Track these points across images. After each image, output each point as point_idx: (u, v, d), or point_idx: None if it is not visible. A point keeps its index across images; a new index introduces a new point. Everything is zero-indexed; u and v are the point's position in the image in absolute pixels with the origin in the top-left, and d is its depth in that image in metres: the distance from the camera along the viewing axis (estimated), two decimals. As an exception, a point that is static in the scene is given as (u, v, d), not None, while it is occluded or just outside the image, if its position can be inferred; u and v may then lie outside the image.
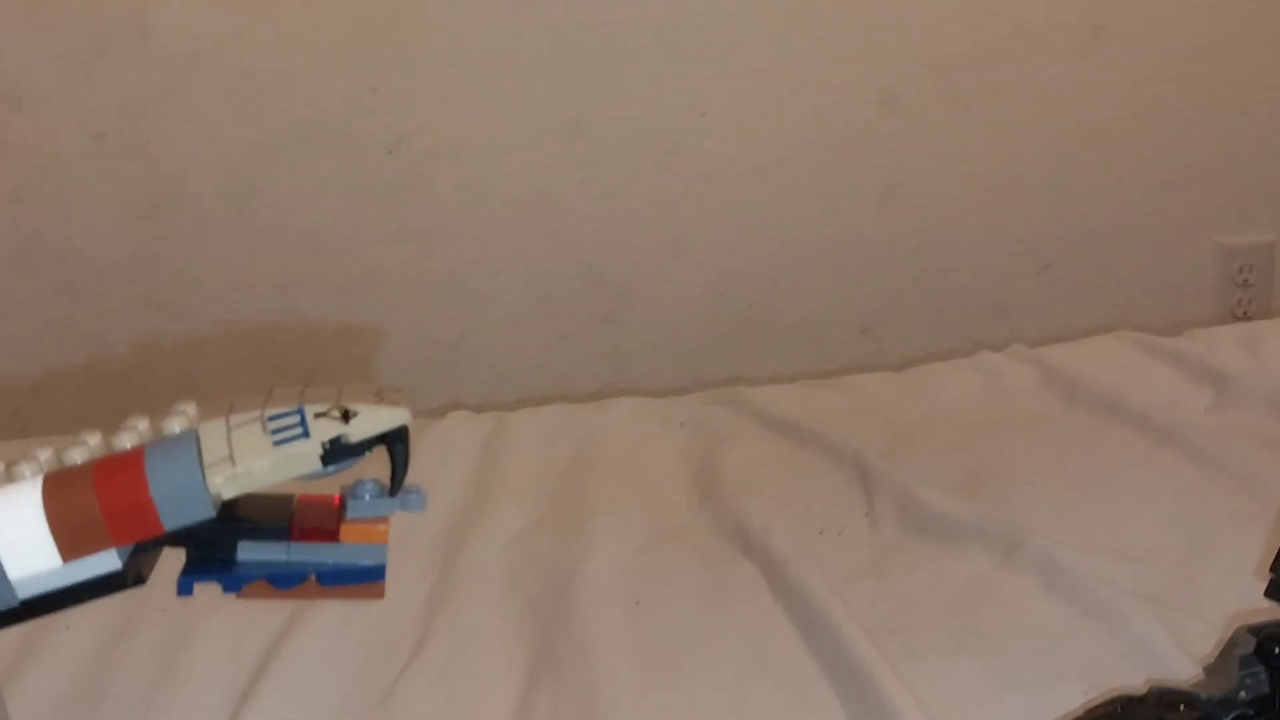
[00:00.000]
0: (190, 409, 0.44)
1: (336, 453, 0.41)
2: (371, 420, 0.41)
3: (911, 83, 1.74)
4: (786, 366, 1.74)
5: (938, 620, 0.76)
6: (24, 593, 0.41)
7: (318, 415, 0.40)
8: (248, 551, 0.43)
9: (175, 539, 0.42)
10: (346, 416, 0.40)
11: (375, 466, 0.46)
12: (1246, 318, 1.82)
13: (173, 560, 0.45)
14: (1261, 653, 0.59)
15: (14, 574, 0.40)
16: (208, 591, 0.45)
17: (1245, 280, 1.88)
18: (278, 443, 0.40)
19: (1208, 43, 1.78)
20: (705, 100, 1.72)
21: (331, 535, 0.43)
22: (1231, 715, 0.58)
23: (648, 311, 1.82)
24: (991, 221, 1.85)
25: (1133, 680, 0.67)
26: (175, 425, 0.43)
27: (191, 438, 0.42)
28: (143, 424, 0.44)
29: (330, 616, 0.79)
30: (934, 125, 1.78)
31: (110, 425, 0.45)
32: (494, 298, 1.75)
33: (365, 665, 0.76)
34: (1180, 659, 0.69)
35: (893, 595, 0.80)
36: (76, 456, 0.43)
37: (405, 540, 0.88)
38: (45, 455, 0.43)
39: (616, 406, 1.20)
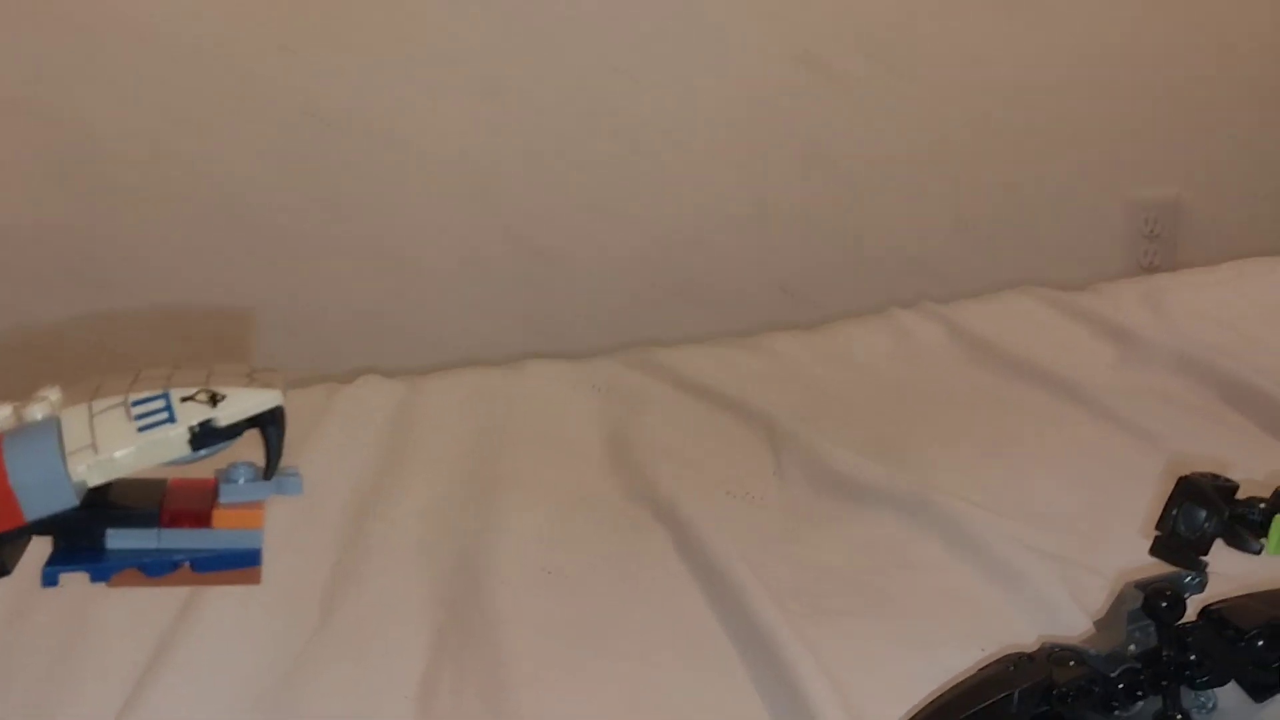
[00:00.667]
0: (53, 394, 0.42)
1: (205, 437, 0.40)
2: (240, 403, 0.40)
3: (833, 45, 1.74)
4: (712, 330, 1.74)
5: (843, 582, 0.77)
6: (-122, 588, 0.39)
7: (184, 399, 0.39)
8: (117, 539, 0.41)
9: (40, 528, 0.41)
10: (214, 400, 0.39)
11: (253, 449, 0.45)
12: (1153, 268, 1.87)
13: (44, 546, 0.44)
14: (1148, 608, 0.60)
15: None
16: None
17: (1153, 233, 1.92)
18: (142, 428, 0.39)
19: (1121, 6, 1.81)
20: (629, 63, 1.70)
21: (204, 520, 0.42)
22: (1119, 669, 0.60)
23: (573, 277, 1.80)
24: (911, 180, 1.87)
25: (1031, 638, 0.68)
26: (37, 411, 0.41)
27: (52, 425, 0.40)
28: (4, 410, 0.42)
29: (233, 590, 0.77)
30: (856, 87, 1.78)
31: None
32: (417, 264, 1.72)
33: (270, 638, 0.74)
34: (1079, 616, 0.70)
35: (800, 558, 0.80)
36: (-67, 445, 0.41)
37: (312, 508, 0.87)
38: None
39: (530, 370, 1.19)
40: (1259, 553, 0.57)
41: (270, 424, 0.41)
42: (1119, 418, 0.95)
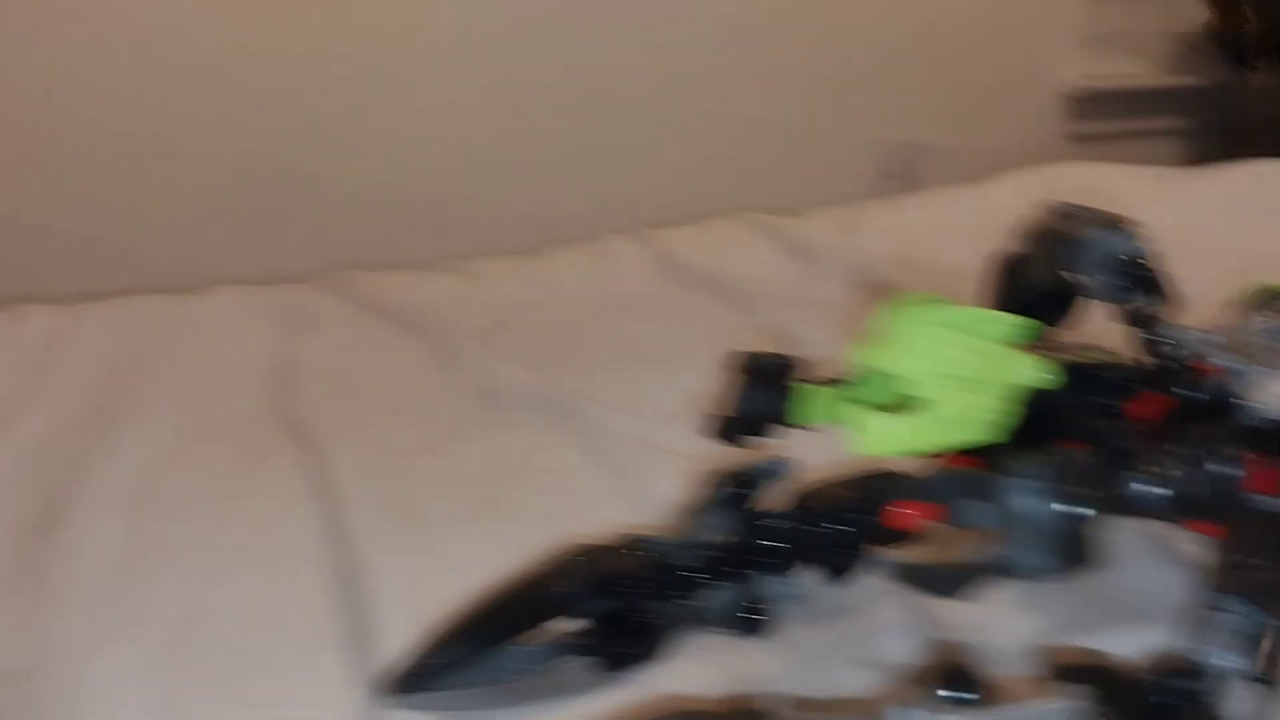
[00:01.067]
0: None
1: None
2: None
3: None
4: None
5: (467, 491, 0.74)
6: None
7: None
8: None
9: None
10: None
11: None
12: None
13: None
14: (726, 494, 0.59)
15: None
16: None
17: (893, 172, 1.97)
18: None
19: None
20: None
21: None
22: (693, 556, 0.58)
23: (305, 206, 1.72)
24: (663, 115, 1.85)
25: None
26: None
27: None
28: None
29: None
30: (606, 21, 1.76)
31: None
32: (137, 185, 1.61)
33: None
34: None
35: (432, 470, 0.77)
36: None
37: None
38: None
39: (213, 296, 1.12)
40: (808, 429, 0.56)
41: None
42: (781, 327, 0.95)
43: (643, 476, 0.73)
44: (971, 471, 0.35)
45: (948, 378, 0.46)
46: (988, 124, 2.02)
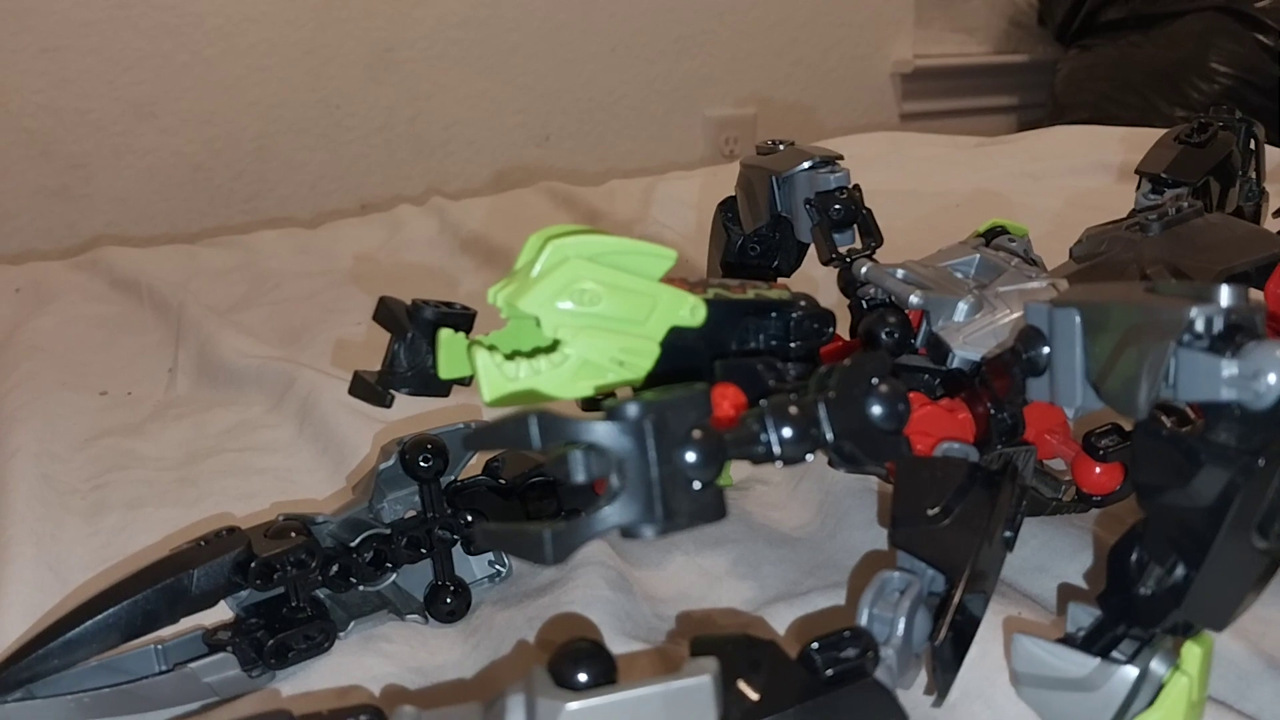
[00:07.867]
0: None
1: None
2: None
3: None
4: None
5: (154, 474, 0.66)
6: None
7: None
8: None
9: None
10: None
11: None
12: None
13: None
14: (406, 465, 0.53)
15: None
16: None
17: (732, 152, 1.93)
18: None
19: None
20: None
21: None
22: (360, 537, 0.52)
23: (110, 186, 1.61)
24: (490, 90, 1.79)
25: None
26: None
27: None
28: None
29: None
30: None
31: None
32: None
33: None
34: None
35: (124, 453, 0.69)
36: None
37: None
38: None
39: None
40: (462, 383, 0.49)
41: None
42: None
43: (359, 451, 0.66)
44: (548, 413, 0.29)
45: (586, 317, 0.41)
46: (824, 103, 2.01)
